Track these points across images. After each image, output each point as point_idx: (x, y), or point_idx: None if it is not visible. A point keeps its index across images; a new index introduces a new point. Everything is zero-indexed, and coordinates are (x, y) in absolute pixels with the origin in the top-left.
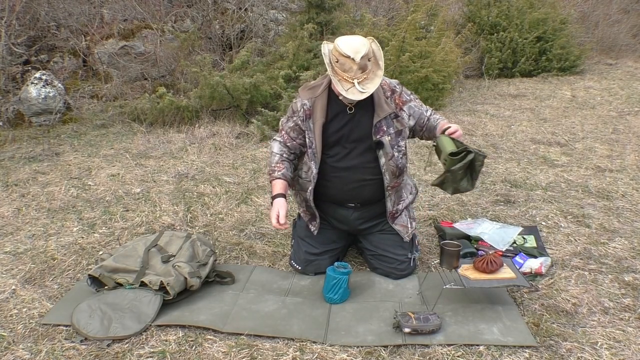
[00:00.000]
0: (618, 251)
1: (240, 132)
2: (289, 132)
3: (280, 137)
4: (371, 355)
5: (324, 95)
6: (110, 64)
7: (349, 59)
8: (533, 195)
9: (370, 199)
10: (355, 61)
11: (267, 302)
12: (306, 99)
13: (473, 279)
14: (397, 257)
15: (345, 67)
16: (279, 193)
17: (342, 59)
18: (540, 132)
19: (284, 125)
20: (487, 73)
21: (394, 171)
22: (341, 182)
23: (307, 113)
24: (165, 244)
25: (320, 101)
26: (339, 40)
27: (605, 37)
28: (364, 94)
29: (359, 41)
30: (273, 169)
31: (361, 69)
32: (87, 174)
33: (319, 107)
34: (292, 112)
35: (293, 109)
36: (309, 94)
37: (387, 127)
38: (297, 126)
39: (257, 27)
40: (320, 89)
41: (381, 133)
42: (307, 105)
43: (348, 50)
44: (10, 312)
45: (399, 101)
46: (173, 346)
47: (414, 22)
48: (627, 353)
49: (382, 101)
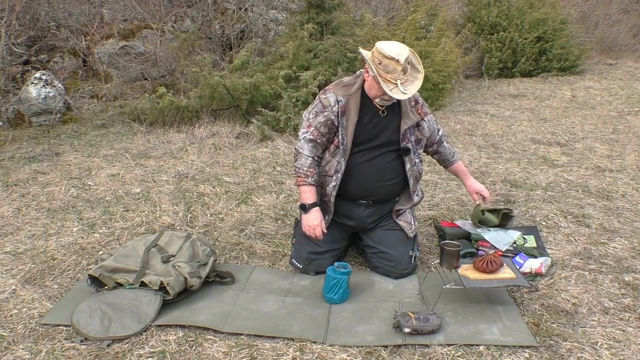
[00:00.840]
0: (618, 251)
1: (240, 132)
2: (319, 127)
3: (311, 135)
4: (371, 355)
5: (357, 95)
6: (110, 64)
7: (393, 61)
8: (533, 195)
9: (384, 198)
10: (399, 62)
11: (267, 302)
12: (341, 96)
13: (473, 279)
14: (398, 254)
15: (389, 69)
16: (315, 202)
17: (385, 61)
18: (540, 132)
19: (312, 121)
20: (487, 73)
21: (417, 177)
22: (361, 180)
23: (342, 110)
24: (165, 244)
25: (354, 100)
26: (381, 43)
27: (605, 37)
28: (406, 94)
29: (400, 45)
30: (306, 174)
31: (403, 70)
32: (87, 174)
33: (353, 105)
34: (322, 107)
35: (324, 104)
36: (344, 91)
37: (410, 135)
38: (330, 121)
39: (257, 27)
40: (354, 87)
41: (406, 140)
42: (342, 102)
43: (392, 53)
44: (10, 312)
45: (420, 112)
46: (173, 346)
47: (414, 22)
48: (627, 353)
49: (408, 110)
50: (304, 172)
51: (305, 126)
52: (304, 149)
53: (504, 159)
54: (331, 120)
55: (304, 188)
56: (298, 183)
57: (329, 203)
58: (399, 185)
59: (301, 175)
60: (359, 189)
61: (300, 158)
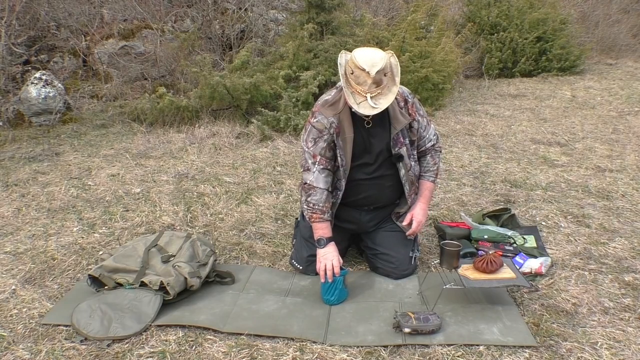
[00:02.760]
0: (618, 251)
1: (240, 132)
2: (323, 153)
3: (321, 164)
4: (371, 355)
5: (346, 111)
6: (110, 64)
7: (364, 72)
8: (533, 195)
9: (386, 204)
10: (370, 75)
11: (267, 302)
12: (331, 116)
13: (473, 279)
14: (398, 255)
15: (360, 80)
16: (331, 237)
17: (357, 72)
18: (540, 132)
19: (314, 150)
20: (487, 73)
21: (413, 181)
22: (360, 190)
23: (337, 130)
24: (165, 244)
25: (345, 116)
26: (357, 51)
27: (605, 37)
28: (375, 109)
29: (378, 55)
30: (322, 210)
31: (375, 83)
32: (87, 174)
33: (346, 123)
34: (318, 132)
35: (319, 128)
36: (332, 111)
37: (403, 138)
38: (332, 143)
39: (257, 27)
40: (340, 104)
41: (399, 145)
42: (335, 123)
43: (364, 64)
44: (10, 312)
45: (412, 111)
46: (173, 346)
47: (414, 22)
48: (627, 353)
49: (397, 113)
50: (319, 208)
51: (310, 157)
52: (319, 181)
53: (504, 159)
54: (333, 142)
55: (321, 225)
56: (314, 220)
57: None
58: (399, 190)
59: (317, 212)
60: (359, 200)
61: (314, 193)
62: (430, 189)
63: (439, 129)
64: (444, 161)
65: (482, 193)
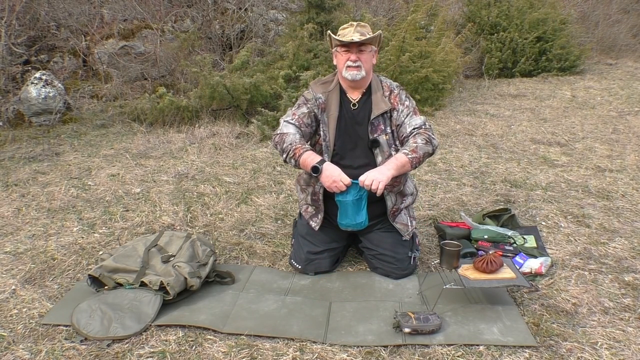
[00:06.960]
0: (618, 251)
1: (240, 132)
2: (302, 117)
3: (294, 120)
4: (371, 355)
5: (336, 90)
6: (110, 64)
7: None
8: (533, 195)
9: (371, 196)
10: (352, 25)
11: (267, 302)
12: (320, 93)
13: (473, 279)
14: (397, 255)
15: (345, 32)
16: (323, 159)
17: (342, 31)
18: (540, 132)
19: (295, 111)
20: (487, 73)
21: None
22: None
23: (321, 107)
24: (165, 244)
25: (334, 96)
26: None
27: (605, 37)
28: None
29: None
30: (296, 147)
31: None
32: (87, 174)
33: (333, 101)
34: (304, 100)
35: (306, 97)
36: (322, 88)
37: (384, 126)
38: (312, 113)
39: (257, 27)
40: (332, 84)
41: (379, 131)
42: (321, 99)
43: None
44: (10, 312)
45: (394, 101)
46: (173, 346)
47: (414, 22)
48: (627, 353)
49: (379, 99)
50: (297, 143)
51: (290, 114)
52: (288, 128)
53: (504, 159)
54: (314, 113)
55: (307, 154)
56: (298, 154)
57: (319, 202)
58: None
59: (296, 147)
60: None
61: (286, 137)
62: (399, 158)
63: (439, 129)
64: (444, 161)
65: (482, 193)
